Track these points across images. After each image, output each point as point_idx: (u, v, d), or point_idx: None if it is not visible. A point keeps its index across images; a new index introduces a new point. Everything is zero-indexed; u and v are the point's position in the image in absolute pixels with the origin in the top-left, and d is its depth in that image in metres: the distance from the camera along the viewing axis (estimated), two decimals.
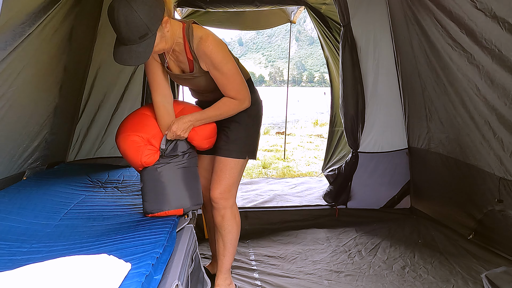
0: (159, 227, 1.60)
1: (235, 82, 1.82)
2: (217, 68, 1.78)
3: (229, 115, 1.88)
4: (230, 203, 2.01)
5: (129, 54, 1.60)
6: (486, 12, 2.11)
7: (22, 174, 2.36)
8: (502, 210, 2.42)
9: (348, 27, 3.11)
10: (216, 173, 1.98)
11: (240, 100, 1.84)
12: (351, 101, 3.16)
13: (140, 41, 1.59)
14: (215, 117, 1.87)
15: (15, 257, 1.34)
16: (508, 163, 2.30)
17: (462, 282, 2.24)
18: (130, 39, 1.58)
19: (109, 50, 3.00)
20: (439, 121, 2.93)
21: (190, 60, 1.82)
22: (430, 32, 2.64)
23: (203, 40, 1.74)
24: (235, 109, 1.87)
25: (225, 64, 1.78)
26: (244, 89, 1.85)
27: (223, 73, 1.78)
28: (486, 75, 2.26)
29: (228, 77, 1.80)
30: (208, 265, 2.35)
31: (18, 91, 2.03)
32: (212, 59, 1.76)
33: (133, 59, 1.61)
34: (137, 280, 1.10)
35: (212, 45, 1.75)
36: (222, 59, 1.77)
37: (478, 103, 2.40)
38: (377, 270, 2.43)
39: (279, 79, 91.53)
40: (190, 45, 1.77)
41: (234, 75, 1.81)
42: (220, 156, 1.97)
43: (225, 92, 1.83)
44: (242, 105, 1.86)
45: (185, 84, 2.02)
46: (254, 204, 3.46)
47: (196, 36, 1.75)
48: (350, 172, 3.29)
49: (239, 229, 2.07)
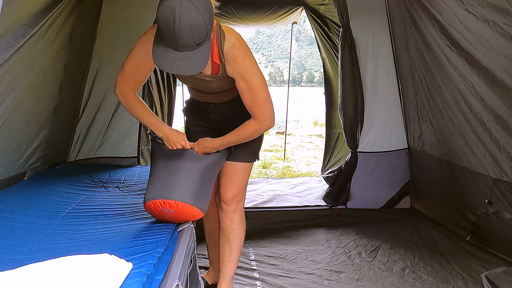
0: (160, 227, 1.60)
1: (259, 96, 1.70)
2: (244, 79, 1.67)
3: (249, 139, 1.81)
4: (241, 206, 1.99)
5: (183, 62, 1.43)
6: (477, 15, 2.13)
7: (23, 175, 2.37)
8: (496, 212, 2.42)
9: (347, 27, 3.11)
10: (229, 176, 1.94)
11: (262, 121, 1.73)
12: (350, 101, 3.16)
13: (197, 48, 1.42)
14: (235, 142, 1.81)
15: (17, 256, 1.34)
16: (504, 164, 2.30)
17: (462, 282, 2.24)
18: (188, 45, 1.40)
19: (109, 49, 3.07)
20: (430, 124, 2.94)
21: (216, 64, 1.68)
22: (427, 32, 2.65)
23: (236, 48, 1.64)
24: (257, 133, 1.79)
25: (254, 74, 1.68)
26: (268, 107, 1.73)
27: (250, 84, 1.68)
28: (484, 75, 2.27)
29: (254, 89, 1.68)
30: (205, 275, 2.26)
31: (20, 92, 2.04)
32: (242, 67, 1.65)
33: (189, 67, 1.44)
34: (138, 280, 1.10)
35: (245, 54, 1.65)
36: (251, 69, 1.67)
37: (475, 104, 2.41)
38: (377, 271, 2.44)
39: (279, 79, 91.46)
40: (220, 47, 1.64)
41: (260, 88, 1.70)
42: (233, 162, 1.93)
43: (249, 106, 1.72)
44: (263, 127, 1.75)
45: (194, 83, 1.87)
46: (254, 204, 3.46)
47: (229, 40, 1.64)
48: (349, 172, 3.29)
49: (245, 234, 2.04)
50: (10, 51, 1.80)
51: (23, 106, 2.14)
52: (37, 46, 2.06)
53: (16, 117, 2.09)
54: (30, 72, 2.10)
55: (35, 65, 2.15)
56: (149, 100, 3.22)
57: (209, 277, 2.26)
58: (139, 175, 2.62)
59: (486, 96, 2.30)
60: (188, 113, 2.07)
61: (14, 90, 1.97)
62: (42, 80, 2.30)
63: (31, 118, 2.30)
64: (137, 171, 2.75)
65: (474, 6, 2.12)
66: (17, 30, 1.81)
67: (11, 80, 1.91)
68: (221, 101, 1.91)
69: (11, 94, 1.96)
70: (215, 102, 1.92)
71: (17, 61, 1.89)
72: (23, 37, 1.86)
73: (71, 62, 2.63)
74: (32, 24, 1.91)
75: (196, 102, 2.02)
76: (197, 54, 1.43)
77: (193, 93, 2.02)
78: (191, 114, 2.06)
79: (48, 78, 2.38)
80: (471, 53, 2.30)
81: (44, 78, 2.31)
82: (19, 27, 1.82)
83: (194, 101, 2.03)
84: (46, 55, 2.24)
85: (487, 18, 2.07)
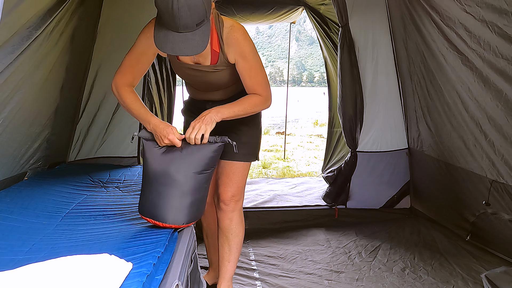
0: (160, 227, 1.60)
1: (261, 75, 1.75)
2: (246, 58, 1.70)
3: (252, 112, 1.77)
4: (239, 206, 1.98)
5: (184, 43, 1.46)
6: (475, 15, 2.13)
7: (23, 175, 2.37)
8: (495, 212, 2.43)
9: (346, 27, 3.11)
10: (227, 176, 1.92)
11: (265, 97, 1.76)
12: (350, 101, 3.16)
13: (197, 28, 1.46)
14: (240, 112, 1.73)
15: (17, 256, 1.34)
16: (500, 166, 2.31)
17: (462, 282, 2.24)
18: (187, 26, 1.44)
19: (109, 50, 3.07)
20: (428, 125, 2.95)
21: (215, 52, 1.71)
22: (426, 32, 2.65)
23: (235, 28, 1.68)
24: (260, 106, 1.77)
25: (255, 55, 1.72)
26: (268, 86, 1.78)
27: (252, 64, 1.72)
28: (479, 77, 2.27)
29: (256, 68, 1.73)
30: (204, 276, 2.23)
31: (25, 93, 2.05)
32: (243, 47, 1.69)
33: (190, 48, 1.47)
34: (138, 280, 1.10)
35: (244, 33, 1.70)
36: (252, 49, 1.71)
37: (471, 105, 2.41)
38: (377, 271, 2.44)
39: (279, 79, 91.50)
40: (220, 34, 1.68)
41: (261, 68, 1.76)
42: (232, 161, 1.91)
43: (252, 86, 1.74)
44: (266, 102, 1.77)
45: (192, 77, 1.85)
46: (254, 204, 3.46)
47: (227, 24, 1.68)
48: (349, 172, 3.29)
49: (244, 233, 2.03)
50: (15, 53, 1.81)
51: (27, 107, 2.15)
52: (42, 47, 2.07)
53: (20, 118, 2.10)
54: (35, 74, 2.11)
55: (40, 66, 2.16)
56: (149, 100, 3.22)
57: (209, 278, 2.25)
58: (139, 175, 2.62)
59: (481, 98, 2.30)
60: (186, 114, 2.06)
61: (19, 92, 1.98)
62: (46, 81, 2.31)
63: (34, 119, 2.31)
64: (137, 171, 2.75)
65: (473, 6, 2.12)
66: (22, 32, 1.82)
67: (18, 82, 1.92)
68: (219, 99, 1.90)
69: (16, 95, 1.97)
70: (213, 99, 1.90)
71: (23, 63, 1.90)
72: (28, 39, 1.87)
73: (73, 63, 2.64)
74: (37, 26, 1.92)
75: (194, 101, 2.01)
76: (197, 35, 1.46)
77: (191, 91, 2.02)
78: (189, 114, 2.05)
79: (51, 79, 2.39)
80: (468, 55, 2.30)
81: (47, 79, 2.32)
82: (24, 29, 1.83)
83: (192, 100, 2.03)
84: (50, 56, 2.25)
85: (485, 18, 2.07)
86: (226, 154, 1.89)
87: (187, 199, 1.59)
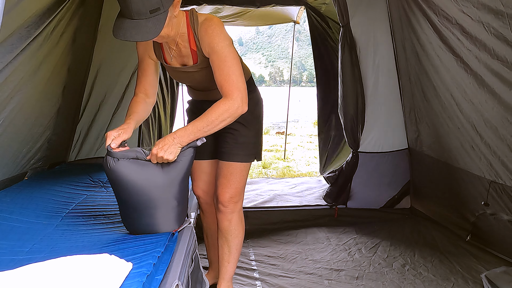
0: None
1: (231, 69, 1.58)
2: (214, 49, 1.60)
3: (222, 123, 1.57)
4: (239, 207, 1.95)
5: (136, 30, 1.44)
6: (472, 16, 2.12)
7: (23, 175, 2.37)
8: (494, 213, 2.43)
9: (347, 27, 3.11)
10: (225, 177, 1.88)
11: (232, 97, 1.56)
12: (351, 101, 3.16)
13: (151, 16, 1.44)
14: (206, 127, 1.55)
15: (17, 256, 1.34)
16: (497, 166, 2.31)
17: (462, 281, 2.25)
18: (139, 12, 1.43)
19: (109, 50, 3.06)
20: (426, 126, 2.94)
21: (194, 51, 1.69)
22: (422, 33, 2.64)
23: (207, 20, 1.64)
24: (226, 113, 1.56)
25: (226, 47, 1.60)
26: (241, 83, 1.59)
27: (221, 56, 1.59)
28: (474, 79, 2.26)
29: (226, 61, 1.59)
30: (206, 275, 2.19)
31: (26, 94, 2.05)
32: (211, 37, 1.60)
33: (141, 34, 1.44)
34: (138, 280, 1.10)
35: (215, 25, 1.62)
36: (222, 40, 1.60)
37: (466, 107, 2.41)
38: (377, 268, 2.45)
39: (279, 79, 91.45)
40: (195, 31, 1.65)
41: (233, 62, 1.60)
42: (229, 162, 1.87)
43: (220, 83, 1.60)
44: (234, 104, 1.56)
45: (184, 79, 1.87)
46: (254, 204, 3.46)
47: (201, 19, 1.65)
48: (350, 172, 3.29)
49: (244, 234, 2.01)
50: (14, 52, 1.81)
51: (28, 108, 2.16)
52: (43, 48, 2.07)
53: (21, 119, 2.10)
54: (36, 74, 2.11)
55: (41, 67, 2.16)
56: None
57: (209, 277, 2.24)
58: None
59: (476, 100, 2.30)
60: (190, 113, 2.07)
61: (20, 92, 1.99)
62: (48, 82, 2.31)
63: (36, 119, 2.32)
64: None
65: (469, 7, 2.11)
66: (21, 32, 1.82)
67: (18, 82, 1.92)
68: (219, 98, 1.89)
69: (16, 96, 1.97)
70: (212, 99, 1.88)
71: (23, 63, 1.90)
72: (27, 39, 1.87)
73: (74, 64, 2.64)
74: (35, 25, 1.92)
75: (195, 101, 2.02)
76: (150, 22, 1.45)
77: (190, 92, 2.02)
78: (192, 114, 2.05)
79: (53, 80, 2.39)
80: (464, 55, 2.29)
81: (49, 80, 2.32)
82: (23, 28, 1.83)
83: (194, 100, 2.04)
84: (51, 57, 2.25)
85: (481, 19, 2.07)
86: (223, 155, 1.89)
87: (173, 209, 1.58)
